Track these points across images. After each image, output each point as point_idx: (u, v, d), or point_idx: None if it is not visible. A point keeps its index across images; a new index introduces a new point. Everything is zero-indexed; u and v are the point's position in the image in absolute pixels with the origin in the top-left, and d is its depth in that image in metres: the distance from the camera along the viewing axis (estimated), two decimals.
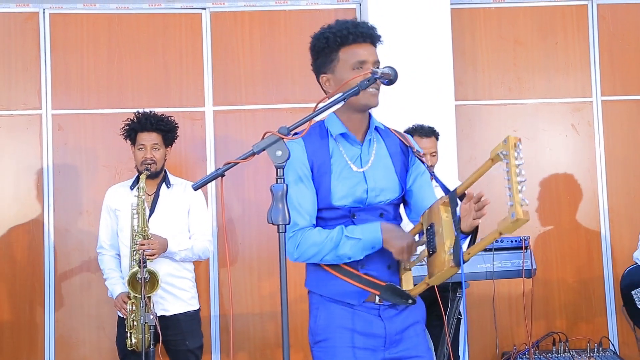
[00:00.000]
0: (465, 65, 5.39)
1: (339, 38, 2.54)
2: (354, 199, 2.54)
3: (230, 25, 5.37)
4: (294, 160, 2.52)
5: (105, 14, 5.29)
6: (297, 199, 2.51)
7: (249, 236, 5.22)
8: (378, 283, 2.51)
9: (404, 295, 2.51)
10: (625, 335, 5.23)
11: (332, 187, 2.53)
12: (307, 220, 2.53)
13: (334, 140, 2.59)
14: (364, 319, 2.55)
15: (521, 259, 3.88)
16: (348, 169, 2.56)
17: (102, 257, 4.34)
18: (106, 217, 4.32)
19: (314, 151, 2.56)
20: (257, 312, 5.18)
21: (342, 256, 2.49)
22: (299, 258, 2.54)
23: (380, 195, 2.57)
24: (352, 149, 2.60)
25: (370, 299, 2.54)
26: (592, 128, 5.42)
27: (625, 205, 5.38)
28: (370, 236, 2.46)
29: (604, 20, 5.47)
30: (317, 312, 2.61)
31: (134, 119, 4.25)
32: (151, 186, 4.24)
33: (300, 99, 5.30)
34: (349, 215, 2.54)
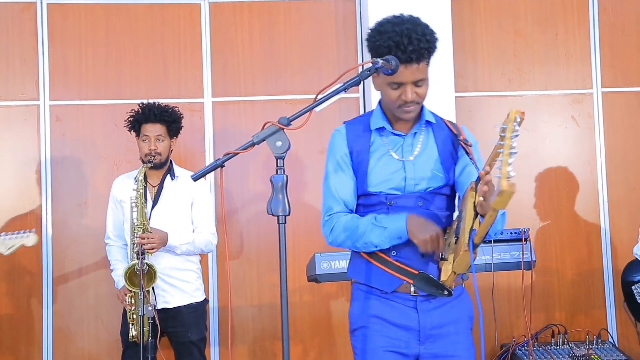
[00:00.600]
0: (465, 57, 5.37)
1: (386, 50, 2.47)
2: (391, 185, 2.54)
3: (229, 16, 5.34)
4: (334, 147, 2.62)
5: (103, 5, 5.26)
6: (334, 185, 2.59)
7: (248, 228, 5.20)
8: (410, 271, 2.49)
9: (438, 285, 2.45)
10: (624, 327, 5.23)
11: (368, 173, 2.55)
12: (341, 205, 2.58)
13: (376, 131, 2.62)
14: (398, 310, 2.53)
15: (521, 251, 3.88)
16: (388, 157, 2.58)
17: (109, 248, 4.34)
18: (112, 207, 4.32)
19: (355, 139, 2.61)
20: (256, 304, 5.17)
21: (369, 244, 2.51)
22: (333, 242, 2.60)
23: (420, 183, 2.55)
24: (395, 140, 2.61)
25: (406, 289, 2.52)
26: (592, 120, 5.41)
27: (625, 198, 5.37)
28: (395, 226, 2.46)
29: (605, 11, 5.45)
30: (353, 300, 2.66)
31: (138, 110, 4.23)
32: (156, 177, 4.22)
33: (299, 90, 5.27)
34: (386, 202, 2.54)
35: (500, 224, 2.54)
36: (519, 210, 5.29)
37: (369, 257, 2.57)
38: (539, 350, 4.57)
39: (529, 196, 5.34)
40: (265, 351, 5.17)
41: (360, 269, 2.61)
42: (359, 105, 5.28)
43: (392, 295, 2.54)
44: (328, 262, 4.02)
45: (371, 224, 2.49)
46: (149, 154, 4.13)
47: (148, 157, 4.13)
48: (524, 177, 5.33)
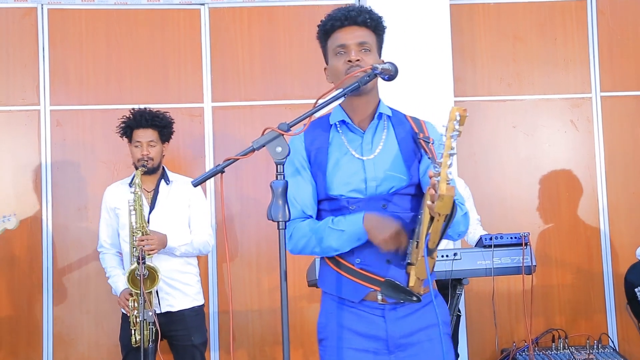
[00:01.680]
0: (464, 61, 5.38)
1: (322, 29, 2.54)
2: (351, 188, 2.43)
3: (229, 21, 5.35)
4: (292, 152, 2.43)
5: (103, 10, 5.27)
6: (292, 191, 2.42)
7: (249, 232, 5.21)
8: (376, 278, 2.39)
9: (406, 291, 2.34)
10: (625, 332, 5.23)
11: (327, 176, 2.45)
12: (299, 211, 2.47)
13: (335, 130, 2.52)
14: (365, 320, 2.43)
15: (521, 256, 3.87)
16: (348, 158, 2.47)
17: (103, 256, 4.35)
18: (105, 216, 4.32)
19: (312, 141, 2.51)
20: (256, 309, 5.17)
21: (328, 248, 2.41)
22: (293, 250, 2.49)
23: (381, 185, 2.42)
24: (354, 138, 2.50)
25: (373, 297, 2.41)
26: (591, 124, 5.42)
27: (625, 202, 5.37)
28: (353, 227, 2.35)
29: (603, 15, 5.46)
30: (322, 310, 2.56)
31: (130, 116, 4.24)
32: (150, 182, 4.23)
33: (299, 94, 5.28)
34: (348, 207, 2.42)
35: (463, 225, 2.43)
36: (519, 215, 5.30)
37: (336, 266, 2.47)
38: (539, 355, 4.56)
39: (528, 200, 5.35)
40: (265, 356, 5.17)
41: (329, 279, 2.50)
42: None
43: (359, 304, 2.43)
44: None
45: (328, 227, 2.39)
46: (142, 159, 4.14)
47: (141, 162, 4.14)
48: (524, 182, 5.34)
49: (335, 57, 2.48)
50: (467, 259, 3.83)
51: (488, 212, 5.26)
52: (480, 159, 5.37)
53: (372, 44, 2.50)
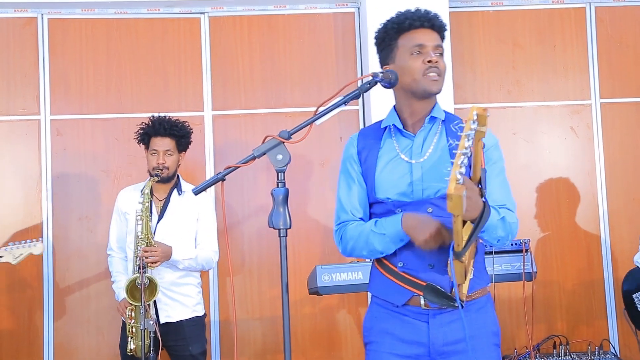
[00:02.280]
0: (464, 69, 5.39)
1: (396, 25, 2.50)
2: (397, 191, 2.43)
3: (229, 30, 5.37)
4: (344, 156, 2.56)
5: (103, 19, 5.29)
6: (342, 194, 2.52)
7: (250, 241, 5.21)
8: (418, 282, 2.38)
9: (448, 297, 2.32)
10: (626, 337, 5.22)
11: (376, 179, 2.47)
12: (349, 214, 2.51)
13: (388, 133, 2.54)
14: (408, 325, 2.42)
15: (522, 262, 3.88)
16: (397, 161, 2.47)
17: (111, 260, 4.35)
18: (116, 218, 4.32)
19: (365, 144, 2.54)
20: (257, 317, 5.16)
21: (374, 251, 2.44)
22: (344, 252, 2.54)
23: (428, 188, 2.41)
24: (404, 141, 2.51)
25: (416, 302, 2.40)
26: (591, 131, 5.42)
27: (625, 208, 5.37)
28: (393, 229, 2.37)
29: (602, 23, 5.48)
30: (368, 313, 2.57)
31: (149, 123, 4.24)
32: (163, 191, 4.23)
33: (299, 103, 5.29)
34: (394, 211, 2.43)
35: (502, 230, 2.40)
36: (519, 221, 5.29)
37: (382, 269, 2.48)
38: None
39: (529, 207, 5.35)
40: None
41: (375, 281, 2.53)
42: (359, 117, 5.30)
43: (403, 308, 2.43)
44: (329, 274, 4.01)
45: (371, 230, 2.42)
46: (157, 167, 4.14)
47: (156, 170, 4.13)
48: (524, 188, 5.34)
49: (411, 57, 2.45)
50: None
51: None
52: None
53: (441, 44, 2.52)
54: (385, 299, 2.47)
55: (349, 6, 5.40)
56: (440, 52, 2.47)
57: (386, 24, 2.53)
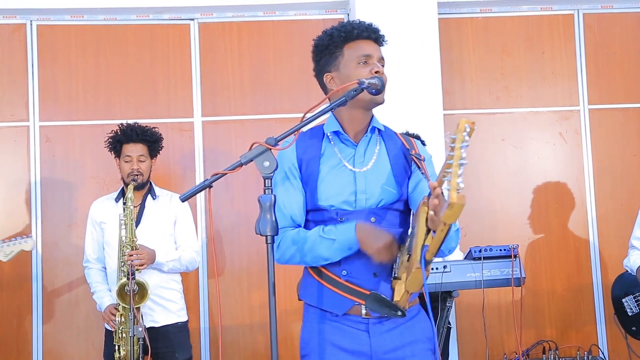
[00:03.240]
0: (453, 75, 5.41)
1: (343, 34, 2.50)
2: (341, 200, 2.41)
3: (218, 36, 5.37)
4: (282, 159, 2.48)
5: (93, 25, 5.29)
6: (281, 199, 2.42)
7: (239, 247, 5.20)
8: (361, 291, 2.37)
9: (391, 305, 2.33)
10: (615, 343, 5.24)
11: (318, 186, 2.43)
12: (288, 220, 2.45)
13: (328, 140, 2.51)
14: (349, 334, 2.40)
15: (510, 268, 3.89)
16: (339, 169, 2.46)
17: (88, 271, 4.32)
18: (92, 230, 4.30)
19: (305, 150, 2.49)
20: (247, 324, 5.16)
21: (318, 257, 2.38)
22: (280, 259, 2.45)
23: (371, 198, 2.42)
24: (346, 149, 2.49)
25: (357, 311, 2.39)
26: (579, 136, 5.44)
27: (614, 213, 5.39)
28: (344, 236, 2.33)
29: (590, 29, 5.51)
30: (305, 324, 2.52)
31: (119, 130, 4.23)
32: (137, 198, 4.21)
33: (289, 109, 5.30)
34: (336, 219, 2.40)
35: (454, 241, 2.42)
36: (508, 227, 5.32)
37: (320, 278, 2.44)
38: None
39: (518, 213, 5.36)
40: None
41: (312, 291, 2.47)
42: None
43: (343, 318, 2.41)
44: None
45: (319, 236, 2.37)
46: (132, 173, 4.13)
47: (131, 176, 4.13)
48: (513, 194, 5.36)
49: (358, 66, 2.46)
50: (457, 271, 3.85)
51: (478, 224, 5.28)
52: (470, 171, 5.38)
53: None
54: (323, 309, 2.43)
55: (339, 12, 5.42)
56: (383, 64, 2.51)
57: (332, 32, 2.53)
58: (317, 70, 2.62)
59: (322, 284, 2.44)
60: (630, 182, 5.42)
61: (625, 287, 4.42)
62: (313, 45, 2.61)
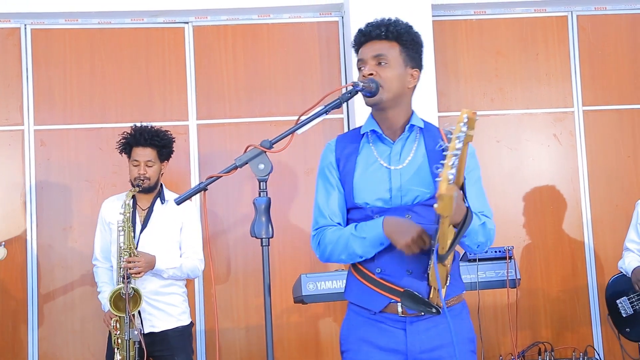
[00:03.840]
0: (447, 77, 5.42)
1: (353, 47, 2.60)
2: (376, 197, 2.44)
3: (213, 39, 5.38)
4: (322, 159, 2.56)
5: (87, 29, 5.28)
6: (320, 199, 2.52)
7: (235, 250, 5.20)
8: (396, 289, 2.36)
9: (425, 302, 2.30)
10: (610, 344, 5.25)
11: (354, 184, 2.47)
12: (327, 219, 2.51)
13: (366, 139, 2.54)
14: (385, 332, 2.41)
15: (505, 269, 3.90)
16: (375, 167, 2.48)
17: (96, 270, 4.32)
18: (101, 229, 4.30)
19: (343, 149, 2.55)
20: (243, 327, 5.15)
21: (353, 254, 2.42)
22: (321, 257, 2.52)
23: (407, 195, 2.42)
24: (383, 147, 2.52)
25: (393, 309, 2.39)
26: (574, 138, 5.46)
27: (609, 214, 5.40)
28: (373, 232, 2.36)
29: (584, 31, 5.52)
30: (345, 320, 2.56)
31: (130, 132, 4.23)
32: (146, 200, 4.21)
33: (284, 111, 5.30)
34: (372, 216, 2.43)
35: (482, 235, 2.43)
36: (504, 228, 5.32)
37: (359, 275, 2.47)
38: None
39: (513, 214, 5.37)
40: None
41: (352, 288, 2.51)
42: (343, 125, 5.31)
43: (380, 315, 2.42)
44: (314, 283, 4.00)
45: (351, 234, 2.41)
46: (138, 178, 4.13)
47: (137, 181, 4.12)
48: (508, 196, 5.37)
49: (359, 72, 2.53)
50: None
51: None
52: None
53: (392, 56, 2.51)
54: (361, 306, 2.46)
55: (333, 15, 5.42)
56: (381, 60, 2.48)
57: None
58: None
59: (361, 282, 2.47)
60: (625, 183, 5.43)
61: (619, 288, 4.44)
62: None
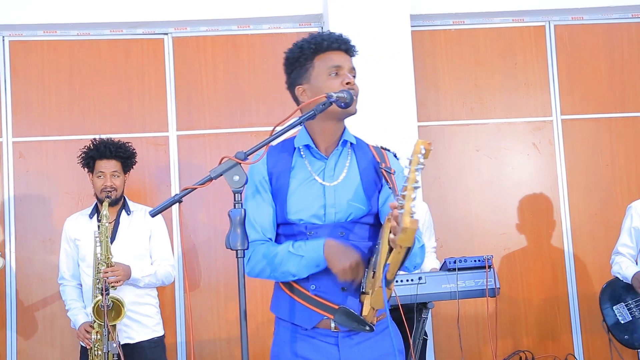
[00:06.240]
0: (427, 87, 5.44)
1: (313, 45, 2.49)
2: (310, 214, 2.41)
3: (192, 50, 5.37)
4: (253, 172, 2.48)
5: (66, 41, 5.27)
6: (252, 212, 2.44)
7: (215, 261, 5.18)
8: (330, 306, 2.36)
9: (359, 320, 2.31)
10: (591, 352, 5.27)
11: (287, 200, 2.42)
12: (259, 234, 2.44)
13: (299, 153, 2.50)
14: (318, 348, 2.40)
15: (485, 278, 3.90)
16: (309, 183, 2.44)
17: (63, 288, 4.29)
18: (66, 247, 4.27)
19: (275, 163, 2.48)
20: (224, 337, 5.13)
21: (286, 273, 2.38)
22: (250, 272, 2.45)
23: (340, 212, 2.40)
24: (317, 163, 2.48)
25: (326, 325, 2.38)
26: (552, 147, 5.49)
27: (588, 223, 5.43)
28: (313, 253, 2.32)
29: (562, 40, 5.56)
30: (275, 337, 2.52)
31: (92, 146, 4.21)
32: (111, 213, 4.19)
33: (264, 122, 5.30)
34: (306, 233, 2.40)
35: (419, 257, 2.43)
36: (484, 238, 5.34)
37: (290, 292, 2.43)
38: None
39: (493, 223, 5.39)
40: None
41: (283, 304, 2.47)
42: None
43: (312, 331, 2.40)
44: None
45: (288, 252, 2.36)
46: (105, 189, 4.11)
47: (104, 192, 4.11)
48: (488, 205, 5.39)
49: (329, 77, 2.45)
50: (432, 282, 3.85)
51: (454, 235, 5.30)
52: (445, 182, 5.41)
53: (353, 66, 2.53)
54: (293, 322, 2.44)
55: (312, 26, 5.44)
56: (354, 74, 2.50)
57: (302, 44, 2.52)
58: (289, 83, 2.60)
59: (293, 298, 2.43)
60: (604, 191, 5.47)
61: (615, 294, 4.38)
62: (284, 58, 2.60)
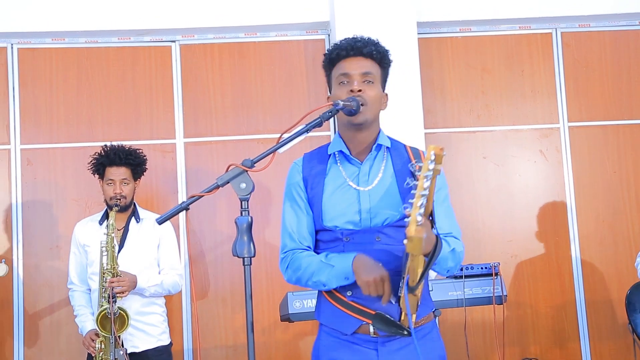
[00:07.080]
0: (434, 94, 5.44)
1: (328, 57, 2.54)
2: (345, 220, 2.42)
3: (200, 58, 5.39)
4: (289, 181, 2.53)
5: (74, 48, 5.29)
6: (288, 221, 2.49)
7: (222, 268, 5.18)
8: (367, 311, 2.37)
9: (397, 325, 2.32)
10: (599, 359, 5.25)
11: (323, 207, 2.45)
12: (296, 242, 2.48)
13: (334, 160, 2.52)
14: (358, 353, 2.41)
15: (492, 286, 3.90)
16: (344, 189, 2.46)
17: (72, 294, 4.29)
18: (75, 252, 4.27)
19: (310, 170, 2.52)
20: (231, 345, 5.13)
21: (318, 282, 2.41)
22: (289, 280, 2.50)
23: (376, 217, 2.41)
24: (351, 168, 2.50)
25: (365, 330, 2.39)
26: (560, 154, 5.48)
27: (595, 230, 5.41)
28: (342, 265, 2.35)
29: (569, 47, 5.56)
30: (316, 341, 2.55)
31: (102, 152, 4.22)
32: (120, 220, 4.20)
33: (271, 129, 5.30)
34: (342, 239, 2.42)
35: (452, 261, 2.43)
36: (490, 245, 5.33)
37: (331, 298, 2.46)
38: None
39: (501, 230, 5.38)
40: None
41: (324, 310, 2.50)
42: None
43: (353, 337, 2.41)
44: (301, 301, 3.99)
45: (320, 261, 2.40)
46: (114, 197, 4.11)
47: (113, 200, 4.11)
48: (495, 212, 5.38)
49: (338, 87, 2.48)
50: (438, 290, 3.86)
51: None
52: (452, 189, 5.32)
53: (377, 76, 2.51)
54: (333, 328, 2.45)
55: (319, 33, 5.45)
56: (369, 79, 2.47)
57: (324, 56, 2.57)
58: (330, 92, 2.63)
59: (333, 305, 2.46)
60: (611, 198, 5.45)
61: None
62: None
